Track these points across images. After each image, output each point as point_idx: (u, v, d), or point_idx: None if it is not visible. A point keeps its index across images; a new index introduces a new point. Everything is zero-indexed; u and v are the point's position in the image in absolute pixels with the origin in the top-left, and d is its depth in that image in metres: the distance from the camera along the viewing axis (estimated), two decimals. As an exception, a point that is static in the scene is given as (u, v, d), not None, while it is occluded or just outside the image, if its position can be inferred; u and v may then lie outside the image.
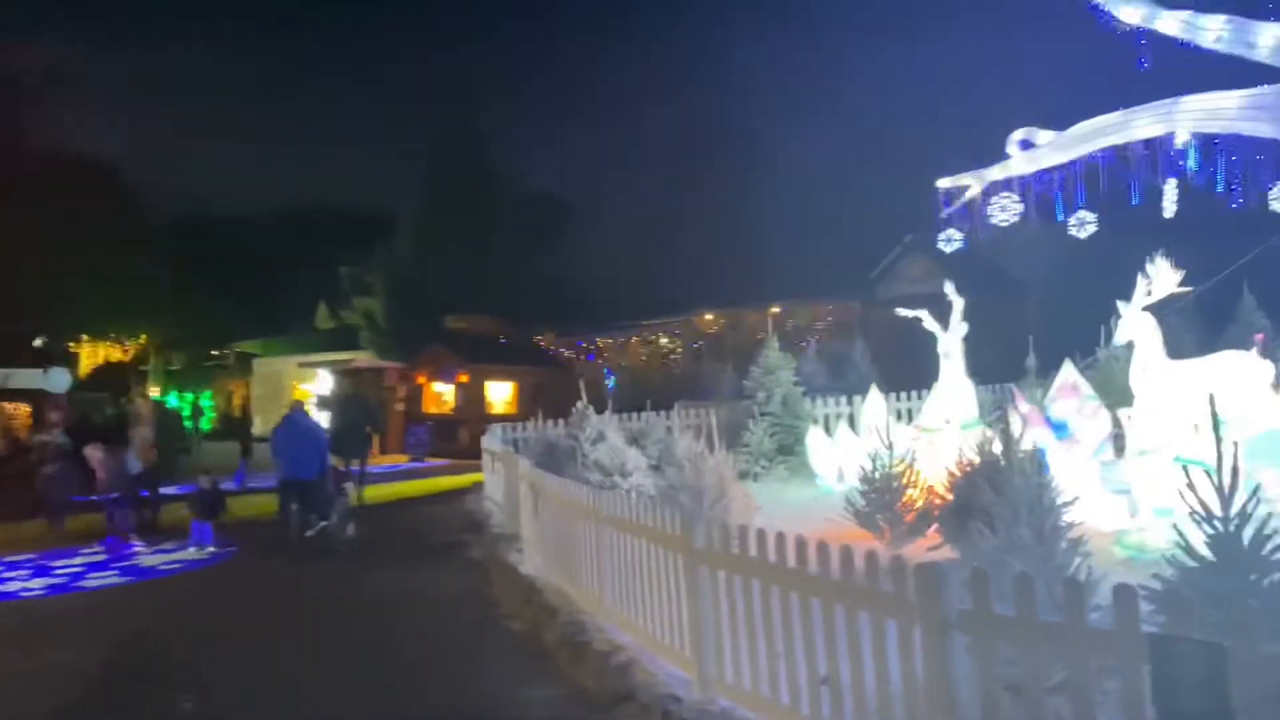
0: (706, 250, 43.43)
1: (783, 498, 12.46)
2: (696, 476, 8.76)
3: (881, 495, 7.91)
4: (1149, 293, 11.35)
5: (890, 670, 4.32)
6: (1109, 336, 14.78)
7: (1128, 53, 9.81)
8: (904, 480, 7.93)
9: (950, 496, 7.55)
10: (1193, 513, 4.96)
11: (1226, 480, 4.93)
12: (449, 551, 12.93)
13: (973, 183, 13.22)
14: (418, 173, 50.14)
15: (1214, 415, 6.53)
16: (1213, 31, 9.42)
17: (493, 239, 44.77)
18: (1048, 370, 14.95)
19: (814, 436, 13.13)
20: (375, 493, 18.88)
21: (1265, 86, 9.87)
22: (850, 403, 15.68)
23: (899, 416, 15.26)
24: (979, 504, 6.79)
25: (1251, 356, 11.06)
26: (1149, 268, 11.42)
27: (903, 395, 16.40)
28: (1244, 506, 4.98)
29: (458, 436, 30.93)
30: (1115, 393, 12.64)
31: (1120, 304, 11.49)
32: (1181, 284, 11.30)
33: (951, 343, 12.49)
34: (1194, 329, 14.47)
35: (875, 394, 13.50)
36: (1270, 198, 10.07)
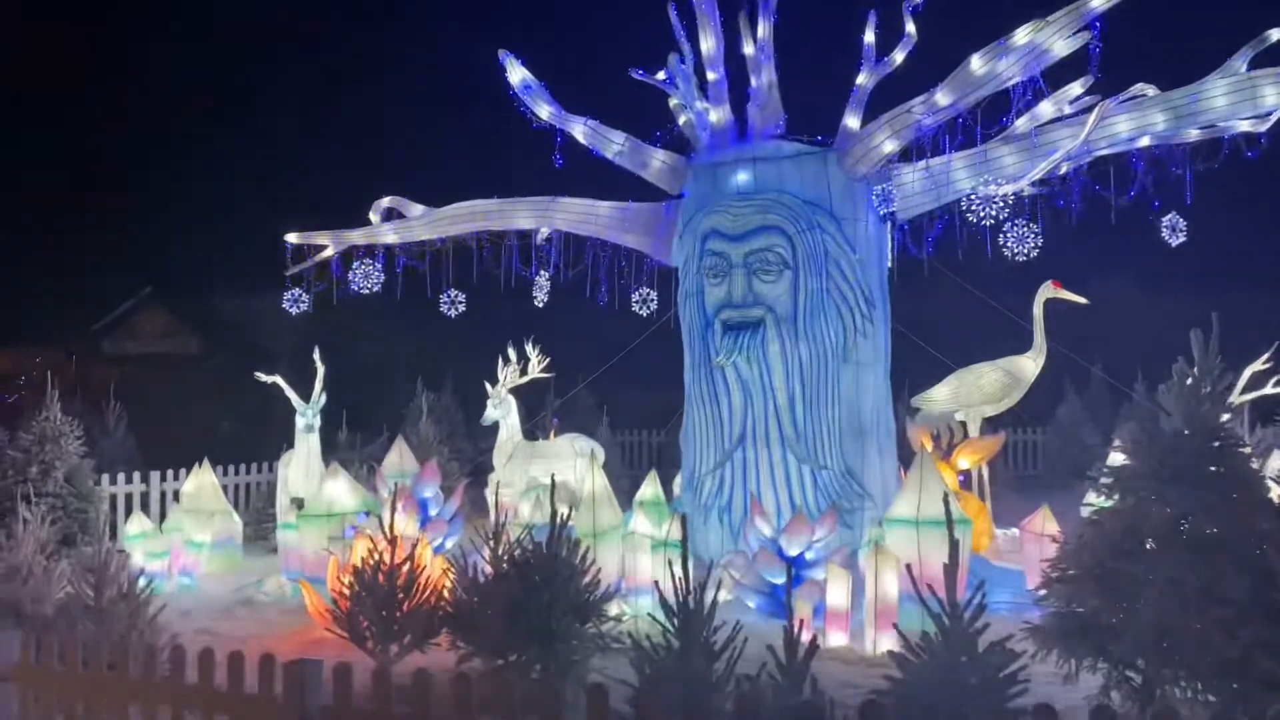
0: None
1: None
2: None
3: (380, 601, 6.52)
4: (515, 376, 11.87)
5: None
6: (423, 413, 15.03)
7: (546, 146, 10.23)
8: (408, 581, 6.65)
9: (450, 597, 6.66)
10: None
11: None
12: None
13: (329, 242, 12.38)
14: None
15: (553, 489, 6.84)
16: (616, 145, 10.32)
17: None
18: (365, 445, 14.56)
19: (138, 522, 10.66)
20: None
21: (632, 202, 11.14)
22: (147, 480, 13.13)
23: (230, 492, 13.30)
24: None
25: (581, 439, 12.26)
26: (512, 352, 11.96)
27: (241, 469, 14.41)
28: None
29: None
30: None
31: (488, 386, 11.77)
32: (545, 370, 12.07)
33: (314, 415, 11.34)
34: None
35: (207, 470, 11.57)
36: (633, 300, 11.29)
